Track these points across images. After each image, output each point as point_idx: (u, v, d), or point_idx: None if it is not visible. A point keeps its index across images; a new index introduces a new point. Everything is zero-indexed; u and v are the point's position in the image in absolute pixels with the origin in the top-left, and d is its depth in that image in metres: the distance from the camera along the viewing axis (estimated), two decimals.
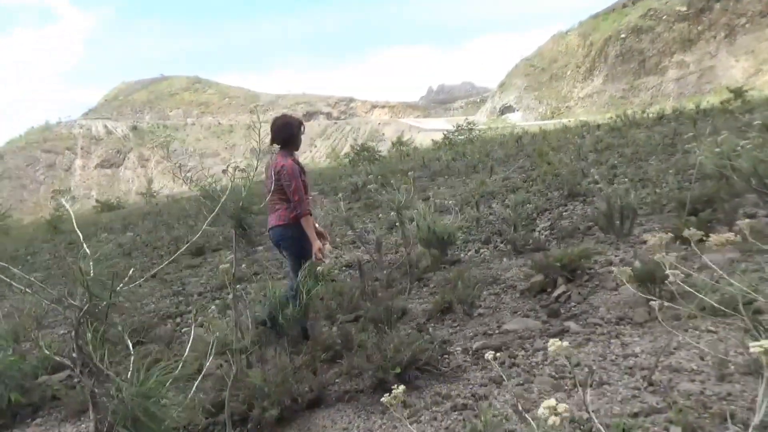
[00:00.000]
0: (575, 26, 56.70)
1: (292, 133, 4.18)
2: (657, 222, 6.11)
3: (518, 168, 13.69)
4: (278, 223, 4.10)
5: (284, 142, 4.16)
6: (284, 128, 4.17)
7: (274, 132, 4.21)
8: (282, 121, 4.23)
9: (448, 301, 4.09)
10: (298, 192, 3.94)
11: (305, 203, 3.97)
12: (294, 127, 4.20)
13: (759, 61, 39.95)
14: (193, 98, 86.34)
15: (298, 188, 3.94)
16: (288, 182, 3.94)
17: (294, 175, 3.96)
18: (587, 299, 3.81)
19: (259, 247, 10.33)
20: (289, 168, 3.96)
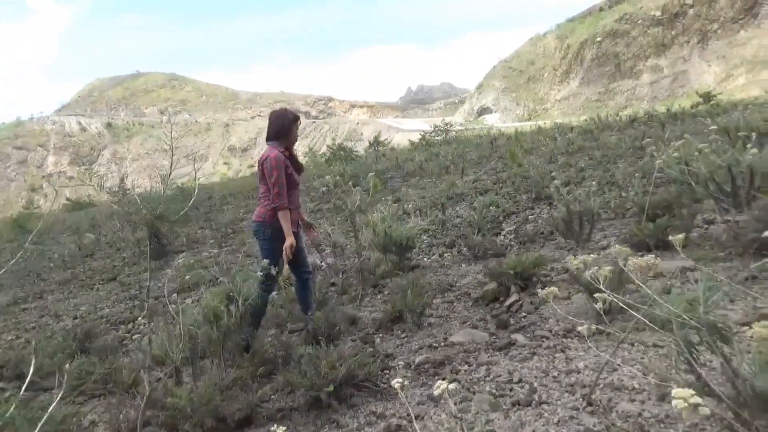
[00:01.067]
0: (552, 29, 57.22)
1: (284, 125, 4.10)
2: (618, 227, 6.06)
3: (490, 170, 13.64)
4: (255, 219, 4.04)
5: (276, 133, 4.09)
6: (277, 120, 4.13)
7: (268, 124, 4.18)
8: (276, 114, 4.20)
9: (399, 310, 3.95)
10: (278, 184, 3.82)
11: (284, 196, 3.83)
12: (287, 119, 4.13)
13: (730, 66, 40.70)
14: (170, 95, 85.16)
15: (279, 180, 3.83)
16: (269, 172, 3.85)
17: (277, 166, 3.85)
18: (539, 309, 3.70)
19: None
20: (273, 159, 3.87)
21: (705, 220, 5.09)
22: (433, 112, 74.26)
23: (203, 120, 78.04)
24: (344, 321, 4.09)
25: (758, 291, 3.28)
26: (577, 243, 5.24)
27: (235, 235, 11.36)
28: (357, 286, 5.21)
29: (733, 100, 23.64)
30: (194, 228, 13.45)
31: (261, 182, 4.02)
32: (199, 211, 17.13)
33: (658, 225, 4.58)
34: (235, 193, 20.54)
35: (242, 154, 70.34)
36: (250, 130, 74.27)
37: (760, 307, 3.02)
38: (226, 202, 18.28)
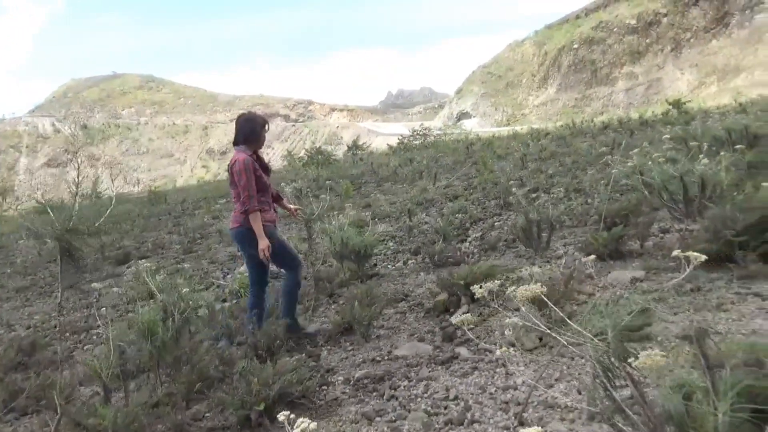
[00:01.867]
0: (531, 35, 57.79)
1: (253, 129, 4.06)
2: (579, 235, 6.05)
3: (463, 175, 13.64)
4: (233, 226, 4.03)
5: (245, 138, 4.03)
6: (246, 124, 4.07)
7: (236, 128, 4.10)
8: (244, 117, 4.13)
9: (348, 321, 3.86)
10: (248, 188, 3.82)
11: (254, 200, 3.82)
12: (257, 124, 4.08)
13: (702, 74, 41.49)
14: (147, 97, 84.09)
15: (248, 183, 3.82)
16: (238, 176, 3.85)
17: (245, 170, 3.84)
18: (486, 321, 3.64)
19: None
20: (241, 163, 3.85)
21: (661, 228, 5.09)
22: (413, 116, 74.45)
23: (181, 122, 77.19)
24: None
25: (701, 303, 3.26)
26: (536, 252, 5.21)
27: (202, 240, 11.17)
28: (315, 296, 5.11)
29: (704, 107, 24.07)
30: (162, 233, 13.22)
31: (232, 187, 4.04)
32: (170, 215, 16.88)
33: (613, 234, 4.56)
34: (209, 197, 20.29)
35: (221, 157, 69.68)
36: (228, 133, 73.54)
37: (697, 321, 2.99)
38: (198, 206, 18.01)
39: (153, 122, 78.31)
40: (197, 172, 64.99)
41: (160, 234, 13.07)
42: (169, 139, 74.10)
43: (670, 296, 3.48)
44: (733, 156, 5.38)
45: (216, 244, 10.08)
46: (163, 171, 68.96)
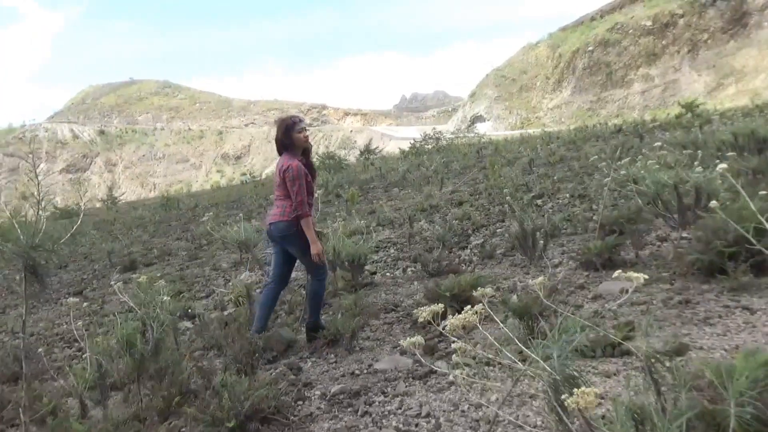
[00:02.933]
0: (545, 38, 57.39)
1: (283, 137, 4.19)
2: (578, 242, 5.96)
3: (470, 180, 13.56)
4: (282, 219, 4.11)
5: (281, 147, 4.22)
6: (277, 133, 4.23)
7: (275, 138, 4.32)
8: (277, 126, 4.29)
9: (333, 333, 3.83)
10: (300, 194, 3.98)
11: (305, 205, 4.01)
12: (281, 130, 4.20)
13: (720, 75, 40.85)
14: (162, 102, 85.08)
15: (300, 189, 3.99)
16: (291, 182, 4.00)
17: (299, 176, 4.01)
18: (470, 333, 3.59)
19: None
20: (295, 169, 4.02)
21: (659, 236, 5.00)
22: (426, 119, 74.34)
23: (196, 127, 77.94)
24: (279, 344, 3.97)
25: (689, 316, 3.18)
26: (531, 260, 5.15)
27: (209, 246, 11.23)
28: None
29: (721, 109, 23.69)
30: (170, 239, 13.33)
31: (278, 187, 4.17)
32: (180, 221, 17.03)
33: (607, 243, 4.48)
34: (220, 202, 20.45)
35: (235, 162, 70.22)
36: (243, 138, 74.20)
37: (681, 335, 2.92)
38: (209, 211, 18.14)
39: (169, 127, 79.23)
40: (212, 176, 65.54)
41: (168, 240, 13.19)
42: (185, 144, 74.87)
43: (658, 309, 3.41)
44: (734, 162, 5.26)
45: (220, 251, 10.13)
46: (179, 176, 69.66)
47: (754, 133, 7.08)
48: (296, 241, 4.07)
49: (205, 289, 7.79)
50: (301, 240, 4.03)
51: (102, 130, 76.63)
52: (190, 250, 10.96)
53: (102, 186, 67.64)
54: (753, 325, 2.92)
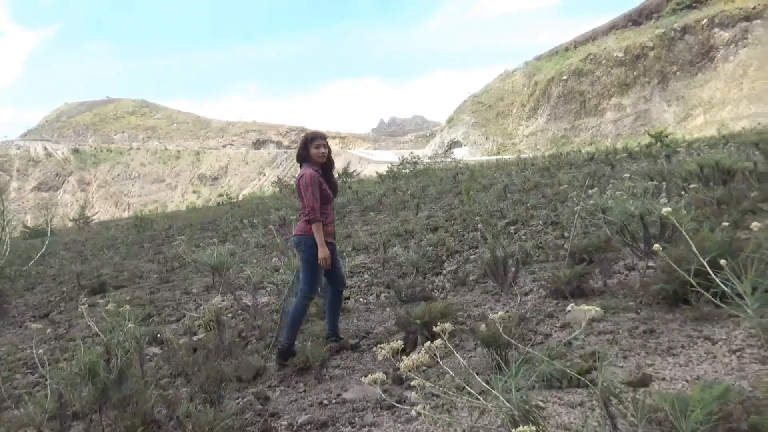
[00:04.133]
0: (521, 66, 58.64)
1: (300, 149, 4.57)
2: (550, 270, 6.03)
3: (446, 205, 13.66)
4: (296, 233, 4.43)
5: (298, 157, 4.60)
6: (299, 145, 4.61)
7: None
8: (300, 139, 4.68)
9: (303, 361, 3.80)
10: (313, 200, 4.25)
11: (317, 211, 4.26)
12: (301, 143, 4.59)
13: (689, 106, 42.14)
14: (139, 122, 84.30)
15: (313, 195, 4.27)
16: (305, 188, 4.29)
17: (312, 183, 4.28)
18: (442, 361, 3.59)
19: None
20: (308, 177, 4.31)
21: (627, 265, 5.09)
22: (404, 144, 74.91)
23: (173, 147, 77.27)
24: (248, 371, 3.92)
25: (652, 346, 3.24)
26: (502, 288, 5.19)
27: (181, 269, 11.07)
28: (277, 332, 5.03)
29: (689, 139, 24.37)
30: (142, 261, 13.12)
31: (299, 199, 4.45)
32: (153, 242, 16.77)
33: (576, 272, 4.54)
34: (195, 223, 20.20)
35: (212, 183, 69.64)
36: (220, 159, 73.75)
37: (645, 365, 2.96)
38: (183, 233, 17.89)
39: (145, 147, 78.38)
40: (188, 197, 64.84)
41: (140, 262, 12.97)
42: (161, 164, 74.09)
43: (624, 338, 3.46)
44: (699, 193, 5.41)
45: (193, 275, 9.99)
46: (154, 196, 68.75)
47: (718, 164, 7.30)
48: (305, 249, 4.31)
49: (175, 313, 7.66)
50: (308, 251, 4.28)
51: (76, 149, 75.50)
52: (161, 273, 10.79)
53: (74, 205, 66.38)
54: (714, 355, 2.98)
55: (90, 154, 75.37)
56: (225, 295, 7.57)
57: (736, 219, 5.84)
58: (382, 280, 7.33)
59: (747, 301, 2.10)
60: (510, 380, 1.81)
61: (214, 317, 5.47)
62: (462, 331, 4.10)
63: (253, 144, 77.61)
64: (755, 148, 9.89)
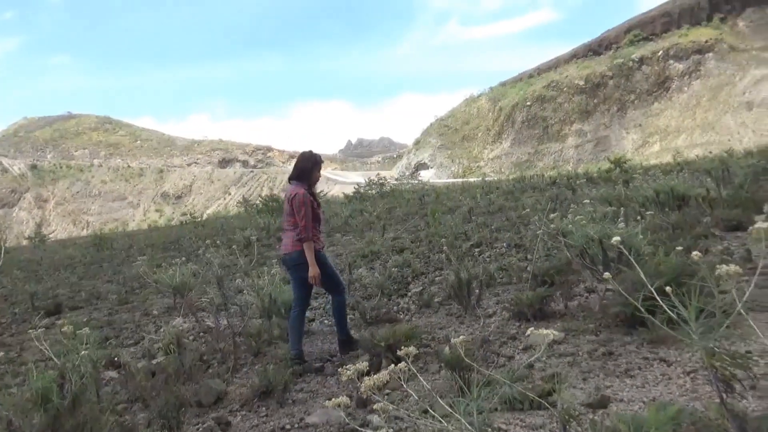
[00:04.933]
0: (486, 91, 59.93)
1: (306, 167, 4.65)
2: (513, 292, 6.11)
3: (412, 227, 13.74)
4: (294, 249, 4.50)
5: (300, 174, 4.64)
6: (302, 162, 4.69)
7: (294, 165, 4.75)
8: (302, 156, 4.75)
9: (265, 384, 3.74)
10: (306, 218, 4.40)
11: (309, 230, 4.41)
12: (310, 163, 4.68)
13: (646, 134, 43.70)
14: (102, 138, 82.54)
15: (306, 215, 4.40)
16: (298, 208, 4.42)
17: (305, 203, 4.43)
18: (408, 383, 3.59)
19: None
20: (302, 196, 4.45)
21: (586, 288, 5.20)
22: (372, 165, 75.26)
23: (136, 165, 75.81)
24: (208, 396, 3.84)
25: (611, 368, 3.31)
26: (466, 310, 5.23)
27: (141, 290, 10.79)
28: (246, 354, 4.95)
29: (646, 165, 25.22)
30: (100, 281, 12.74)
31: (288, 215, 4.57)
32: (112, 262, 16.32)
33: (538, 294, 4.63)
34: (157, 243, 19.77)
35: (176, 202, 68.44)
36: (185, 177, 72.66)
37: (604, 387, 3.03)
38: (144, 252, 17.48)
39: (107, 164, 76.69)
40: (150, 216, 63.54)
41: (98, 283, 12.58)
42: (123, 181, 72.51)
43: (584, 360, 3.53)
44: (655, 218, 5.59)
45: (153, 296, 9.75)
46: (115, 214, 67.14)
47: (673, 190, 7.58)
48: (295, 265, 4.49)
49: (134, 335, 7.44)
50: (300, 267, 4.44)
51: (34, 165, 73.31)
52: (120, 294, 10.49)
53: (30, 223, 64.26)
54: (669, 377, 3.07)
55: (48, 171, 73.28)
56: (186, 317, 7.42)
57: (690, 243, 6.07)
58: (347, 302, 7.29)
59: (691, 326, 2.19)
60: (472, 403, 1.83)
61: (174, 340, 5.34)
62: (426, 353, 4.11)
63: (218, 163, 76.79)
64: (708, 176, 10.30)
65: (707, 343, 2.10)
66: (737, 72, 42.27)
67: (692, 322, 2.12)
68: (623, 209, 5.06)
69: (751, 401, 2.60)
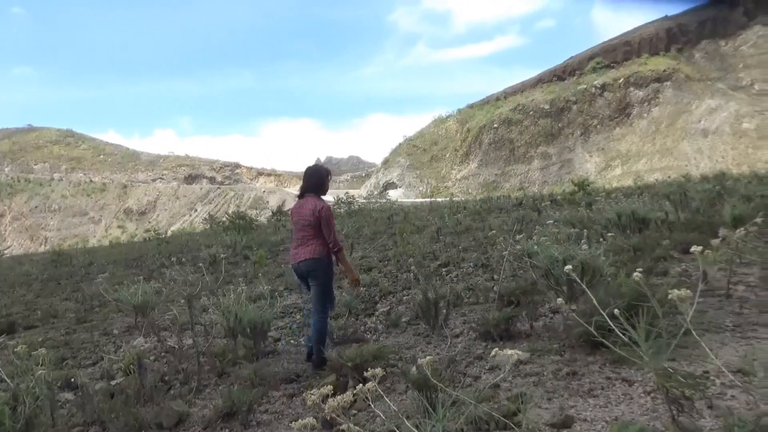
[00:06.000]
0: (454, 113, 60.86)
1: (320, 180, 4.87)
2: (480, 312, 6.16)
3: (380, 246, 13.75)
4: (312, 256, 4.66)
5: (315, 187, 4.86)
6: (312, 176, 4.90)
7: (304, 179, 4.93)
8: (311, 170, 4.97)
9: (228, 406, 3.67)
10: (334, 229, 4.67)
11: (338, 240, 4.70)
12: (321, 175, 4.93)
13: (608, 157, 44.96)
14: (63, 152, 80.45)
15: (333, 225, 4.68)
16: (327, 220, 4.63)
17: (332, 214, 4.70)
18: (375, 404, 3.57)
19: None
20: (328, 209, 4.69)
21: (551, 309, 5.29)
22: (340, 184, 75.21)
23: (99, 180, 74.04)
24: (169, 418, 3.74)
25: (575, 388, 3.36)
26: (433, 330, 5.25)
27: (101, 308, 10.47)
28: (209, 375, 4.85)
29: (609, 188, 25.92)
30: (58, 299, 12.32)
31: (307, 227, 4.69)
32: (71, 279, 15.81)
33: (504, 314, 4.68)
34: (119, 260, 19.27)
35: (139, 218, 66.99)
36: (149, 193, 71.27)
37: (567, 407, 3.07)
38: (105, 270, 17.00)
39: (68, 178, 74.71)
40: (113, 232, 61.97)
41: (55, 300, 12.17)
42: (85, 196, 70.66)
43: (549, 380, 3.57)
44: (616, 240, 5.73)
45: (114, 314, 9.48)
46: (75, 230, 65.24)
47: (634, 213, 7.80)
48: (320, 274, 4.67)
49: (93, 356, 7.20)
50: (325, 274, 4.69)
51: None
52: (79, 312, 10.16)
53: None
54: (631, 396, 3.13)
55: (6, 184, 70.96)
56: (148, 337, 7.23)
57: (650, 265, 6.25)
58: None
59: (642, 348, 2.27)
60: (438, 424, 1.84)
61: (134, 360, 5.20)
62: (393, 374, 4.10)
63: (185, 179, 75.62)
64: (666, 199, 10.64)
65: (658, 364, 2.17)
66: (693, 101, 44.06)
67: (642, 343, 2.19)
68: (586, 231, 5.19)
69: (708, 419, 2.68)
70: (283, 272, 11.37)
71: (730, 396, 2.91)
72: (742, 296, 4.96)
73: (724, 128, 39.62)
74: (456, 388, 3.72)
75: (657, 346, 2.19)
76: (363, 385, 3.99)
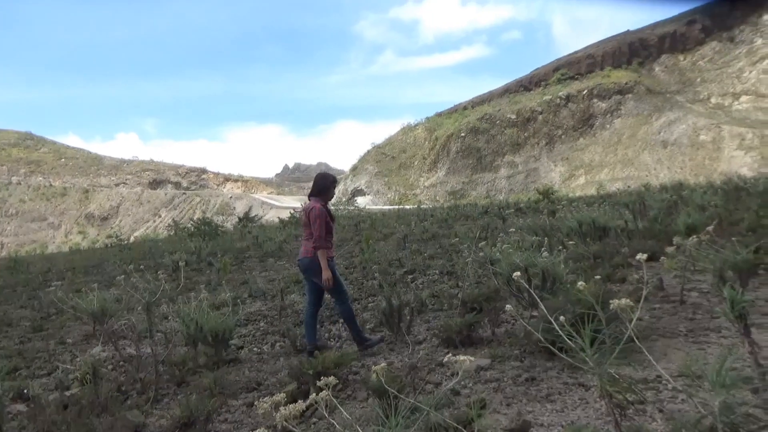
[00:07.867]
0: (422, 121, 61.32)
1: (325, 185, 5.27)
2: (443, 318, 6.20)
3: (347, 253, 13.72)
4: (307, 255, 5.10)
5: (318, 191, 5.24)
6: (320, 181, 5.30)
7: (313, 183, 5.33)
8: (320, 176, 5.41)
9: (187, 416, 3.59)
10: (320, 229, 4.97)
11: (323, 240, 4.97)
12: (327, 181, 5.32)
13: (572, 167, 45.90)
14: (22, 155, 77.89)
15: (321, 226, 4.97)
16: (314, 220, 5.01)
17: (320, 216, 5.01)
18: (335, 412, 3.55)
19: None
20: (318, 210, 5.05)
21: (512, 315, 5.35)
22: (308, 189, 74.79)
23: (59, 184, 71.92)
24: (125, 428, 3.64)
25: (533, 393, 3.41)
26: (396, 337, 5.26)
27: (58, 316, 10.15)
28: (167, 384, 4.74)
29: (572, 196, 26.46)
30: (13, 307, 11.89)
31: (306, 227, 5.18)
32: (27, 286, 15.29)
33: (466, 321, 4.72)
34: (78, 267, 18.72)
35: (101, 223, 65.28)
36: (112, 198, 69.57)
37: (525, 412, 3.11)
38: (63, 276, 16.51)
39: (27, 182, 72.36)
40: (73, 238, 60.23)
41: (10, 308, 11.74)
42: (44, 201, 68.52)
43: (508, 386, 3.61)
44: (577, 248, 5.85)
45: (71, 322, 9.20)
46: (33, 236, 63.17)
47: (594, 222, 7.98)
48: (317, 272, 4.98)
49: (47, 365, 6.97)
50: (318, 272, 4.95)
51: None
52: (34, 321, 9.82)
53: None
54: (587, 401, 3.19)
55: None
56: (106, 345, 7.03)
57: (609, 272, 6.40)
58: (278, 329, 7.16)
59: (588, 354, 2.33)
60: (392, 431, 1.84)
61: (90, 369, 5.05)
62: (355, 381, 4.09)
63: (149, 184, 74.08)
64: (626, 208, 10.92)
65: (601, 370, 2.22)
66: (653, 112, 45.40)
67: (587, 349, 2.26)
68: (548, 239, 5.28)
69: (660, 423, 2.75)
70: (248, 279, 11.24)
71: (681, 400, 3.00)
72: (695, 302, 5.11)
73: (682, 140, 40.93)
74: (417, 395, 3.74)
75: (601, 353, 2.24)
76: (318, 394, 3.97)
